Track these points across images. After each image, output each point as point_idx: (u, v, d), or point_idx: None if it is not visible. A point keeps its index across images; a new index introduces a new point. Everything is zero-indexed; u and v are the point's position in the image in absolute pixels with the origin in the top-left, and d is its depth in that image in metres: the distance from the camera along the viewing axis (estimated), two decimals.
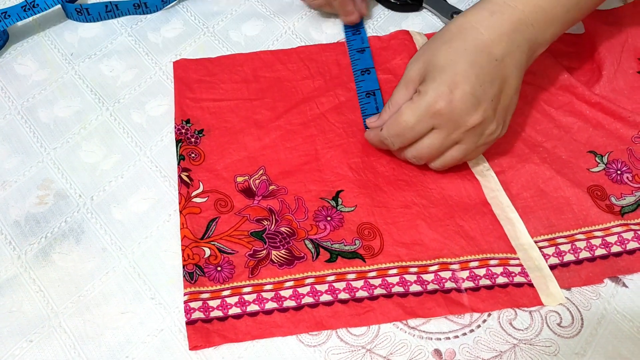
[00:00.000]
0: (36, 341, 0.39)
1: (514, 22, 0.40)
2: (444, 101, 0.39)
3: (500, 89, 0.40)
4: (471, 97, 0.39)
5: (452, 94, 0.39)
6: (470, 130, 0.40)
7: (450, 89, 0.39)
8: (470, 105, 0.39)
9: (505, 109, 0.41)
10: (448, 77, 0.39)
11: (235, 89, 0.50)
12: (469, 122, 0.40)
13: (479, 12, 0.41)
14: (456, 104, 0.39)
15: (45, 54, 0.53)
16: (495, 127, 0.41)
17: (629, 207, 0.43)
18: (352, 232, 0.42)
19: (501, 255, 0.41)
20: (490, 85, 0.39)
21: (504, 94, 0.41)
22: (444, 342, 0.38)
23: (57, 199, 0.45)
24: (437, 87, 0.39)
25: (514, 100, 0.42)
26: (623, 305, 0.39)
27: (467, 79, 0.39)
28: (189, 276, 0.40)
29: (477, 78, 0.39)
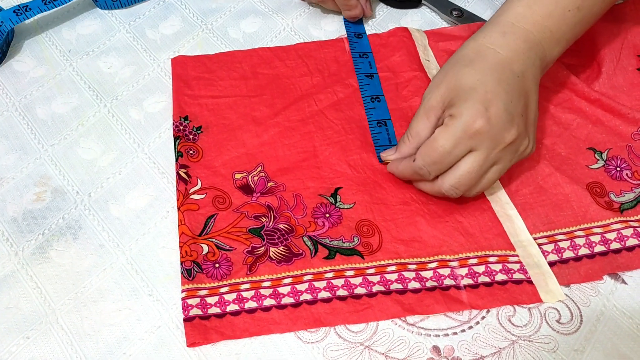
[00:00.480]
0: (33, 338, 0.38)
1: (526, 41, 0.41)
2: (482, 119, 0.38)
3: (525, 103, 0.40)
4: (505, 112, 0.39)
5: (488, 112, 0.38)
6: (508, 147, 0.39)
7: (485, 107, 0.38)
8: (506, 120, 0.39)
9: (533, 124, 0.41)
10: (480, 96, 0.39)
11: (234, 86, 0.50)
12: (507, 138, 0.39)
13: (490, 34, 0.42)
14: (494, 121, 0.38)
15: (43, 51, 0.53)
16: (528, 142, 0.41)
17: (629, 203, 0.43)
18: (350, 229, 0.42)
19: (500, 252, 0.41)
20: (518, 101, 0.40)
21: (529, 108, 0.41)
22: (442, 338, 0.38)
23: (54, 195, 0.45)
24: (472, 107, 0.39)
25: (537, 114, 0.42)
26: (622, 302, 0.39)
27: (498, 95, 0.39)
28: (187, 273, 0.40)
29: (507, 94, 0.39)
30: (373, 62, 0.51)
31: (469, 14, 0.55)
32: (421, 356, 0.37)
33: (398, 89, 0.50)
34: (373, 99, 0.49)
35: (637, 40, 0.51)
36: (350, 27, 0.54)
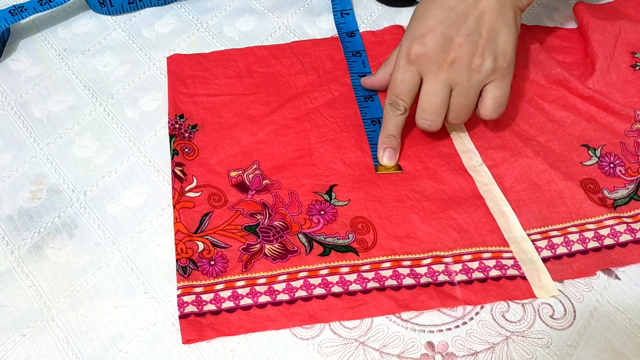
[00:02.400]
0: (29, 335, 0.39)
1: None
2: (417, 44, 0.41)
3: (477, 24, 0.41)
4: (442, 34, 0.41)
5: (424, 37, 0.41)
6: (453, 67, 0.41)
7: (422, 33, 0.41)
8: (443, 42, 0.41)
9: (492, 41, 0.41)
10: (420, 24, 0.42)
11: (229, 84, 0.50)
12: (447, 58, 0.41)
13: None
14: (429, 44, 0.41)
15: (38, 50, 0.53)
16: (482, 60, 0.41)
17: (622, 200, 0.43)
18: (345, 226, 0.42)
19: (494, 248, 0.41)
20: (464, 22, 0.41)
21: (485, 27, 0.41)
22: (436, 334, 0.38)
23: (50, 194, 0.45)
24: (410, 34, 0.42)
25: (507, 31, 0.42)
26: (615, 298, 0.39)
27: (437, 21, 0.41)
28: (182, 270, 0.40)
29: (448, 17, 0.41)
30: (366, 61, 0.52)
31: None
32: (415, 352, 0.37)
33: None
34: (367, 99, 0.49)
35: (631, 38, 0.51)
36: (342, 26, 0.54)
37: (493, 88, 0.43)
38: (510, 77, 0.43)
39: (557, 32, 0.53)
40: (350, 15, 0.55)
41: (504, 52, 0.42)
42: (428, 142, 0.47)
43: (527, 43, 0.51)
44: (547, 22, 0.54)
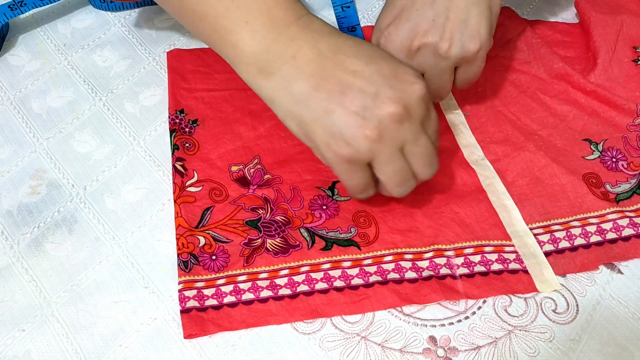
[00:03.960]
0: (29, 330, 0.38)
1: None
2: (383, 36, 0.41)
3: (444, 6, 0.39)
4: (406, 21, 0.40)
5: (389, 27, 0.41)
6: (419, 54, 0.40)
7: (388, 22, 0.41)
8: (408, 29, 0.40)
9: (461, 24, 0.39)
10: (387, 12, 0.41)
11: (230, 79, 0.50)
12: (412, 46, 0.40)
13: None
14: (393, 35, 0.40)
15: (38, 45, 0.53)
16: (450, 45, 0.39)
17: (624, 194, 0.43)
18: (347, 220, 0.42)
19: (496, 242, 0.41)
20: (430, 6, 0.39)
21: (453, 10, 0.39)
22: (439, 329, 0.38)
23: (49, 188, 0.45)
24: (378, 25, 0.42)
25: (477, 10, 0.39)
26: (618, 292, 0.39)
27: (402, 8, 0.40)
28: (184, 265, 0.40)
29: (413, 3, 0.40)
30: None
31: None
32: (418, 346, 0.37)
33: None
34: None
35: (633, 32, 0.51)
36: (343, 20, 0.54)
37: (464, 71, 0.42)
38: (482, 61, 0.41)
39: (558, 27, 0.53)
40: (351, 8, 0.54)
41: (475, 34, 0.39)
42: None
43: (528, 38, 0.51)
44: (548, 16, 0.54)
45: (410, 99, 0.34)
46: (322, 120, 0.35)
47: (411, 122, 0.35)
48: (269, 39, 0.36)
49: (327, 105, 0.34)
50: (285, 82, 0.35)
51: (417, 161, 0.36)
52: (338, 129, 0.34)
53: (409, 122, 0.35)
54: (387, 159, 0.35)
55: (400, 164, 0.36)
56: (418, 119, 0.35)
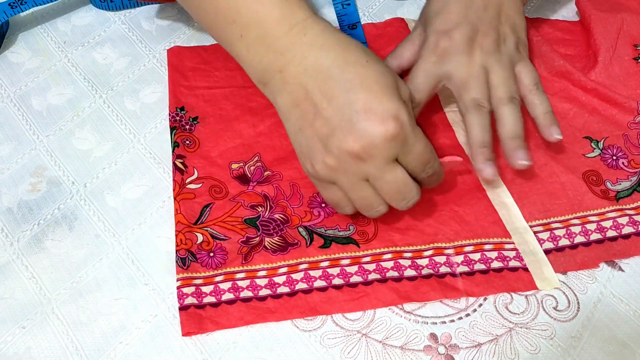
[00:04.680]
0: (29, 327, 0.38)
1: None
2: (445, 37, 0.42)
3: (497, 11, 0.43)
4: (467, 25, 0.42)
5: (451, 31, 0.42)
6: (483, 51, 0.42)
7: (449, 27, 0.42)
8: (470, 33, 0.42)
9: (512, 27, 0.44)
10: (443, 18, 0.43)
11: (230, 77, 0.50)
12: (474, 45, 0.42)
13: None
14: (457, 37, 0.41)
15: (38, 42, 0.53)
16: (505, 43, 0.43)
17: (624, 192, 0.43)
18: (346, 218, 0.42)
19: (496, 239, 0.41)
20: (485, 12, 0.42)
21: (504, 14, 0.43)
22: (439, 326, 0.38)
23: (50, 186, 0.45)
24: (435, 29, 0.43)
25: (519, 18, 0.44)
26: (619, 289, 0.39)
27: (460, 14, 0.42)
28: (181, 262, 0.40)
29: (470, 10, 0.42)
30: None
31: None
32: (418, 344, 0.37)
33: None
34: None
35: (633, 30, 0.50)
36: (344, 18, 0.54)
37: (523, 66, 0.43)
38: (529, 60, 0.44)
39: (559, 25, 0.53)
40: (352, 6, 0.54)
41: (521, 39, 0.44)
42: (430, 134, 0.46)
43: (529, 35, 0.51)
44: (549, 14, 0.54)
45: (373, 139, 0.34)
46: (296, 135, 0.37)
47: (373, 161, 0.35)
48: (261, 52, 0.37)
49: (301, 123, 0.36)
50: (275, 92, 0.38)
51: (385, 194, 0.37)
52: (305, 148, 0.36)
53: (370, 160, 0.35)
54: (349, 187, 0.36)
55: (365, 192, 0.36)
56: (382, 158, 0.35)
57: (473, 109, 0.41)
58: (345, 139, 0.34)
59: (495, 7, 0.43)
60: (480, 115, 0.41)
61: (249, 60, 0.38)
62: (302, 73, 0.36)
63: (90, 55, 0.52)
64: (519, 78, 0.43)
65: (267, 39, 0.37)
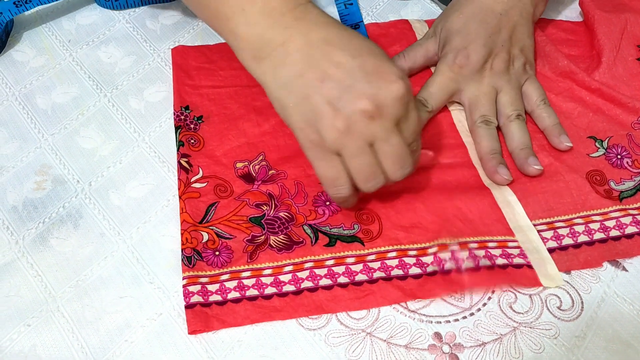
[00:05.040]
0: (34, 325, 0.38)
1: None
2: (462, 56, 0.45)
3: (509, 34, 0.46)
4: (483, 47, 0.45)
5: (467, 49, 0.45)
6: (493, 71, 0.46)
7: (465, 46, 0.45)
8: (484, 53, 0.45)
9: (521, 49, 0.47)
10: (462, 38, 0.46)
11: (234, 76, 0.50)
12: (486, 66, 0.46)
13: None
14: (473, 56, 0.45)
15: (42, 41, 0.53)
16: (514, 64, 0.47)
17: (628, 192, 0.43)
18: (350, 216, 0.42)
19: (499, 237, 0.41)
20: (499, 35, 0.46)
21: (515, 37, 0.47)
22: (444, 325, 0.38)
23: (55, 184, 0.45)
24: (454, 47, 0.46)
25: (529, 42, 0.48)
26: (623, 289, 0.39)
27: (477, 35, 0.46)
28: (187, 260, 0.40)
29: (486, 31, 0.46)
30: None
31: None
32: (423, 342, 0.37)
33: None
34: None
35: (637, 31, 0.51)
36: (346, 17, 0.54)
37: (529, 84, 0.47)
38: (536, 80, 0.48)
39: (563, 25, 0.53)
40: (354, 5, 0.54)
41: (529, 59, 0.48)
42: (434, 133, 0.47)
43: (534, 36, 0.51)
44: (553, 14, 0.54)
45: (385, 98, 0.34)
46: (300, 105, 0.36)
47: (383, 120, 0.35)
48: (263, 26, 0.37)
49: (306, 92, 0.35)
50: (273, 67, 0.37)
51: (386, 160, 0.37)
52: (312, 115, 0.35)
53: (380, 119, 0.35)
54: (354, 152, 0.36)
55: (368, 159, 0.36)
56: (391, 118, 0.35)
57: (482, 124, 0.45)
58: (359, 97, 0.34)
59: (508, 31, 0.46)
60: (489, 129, 0.45)
61: (248, 34, 0.37)
62: (306, 45, 0.36)
63: (95, 54, 0.52)
64: (526, 95, 0.47)
65: (272, 14, 0.37)
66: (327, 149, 0.36)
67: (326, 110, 0.35)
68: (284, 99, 0.37)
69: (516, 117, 0.45)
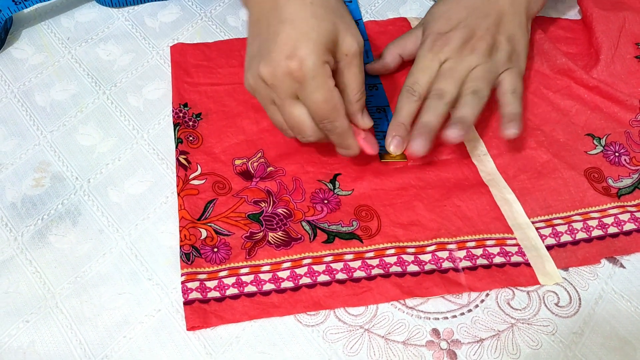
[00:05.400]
0: (33, 321, 0.38)
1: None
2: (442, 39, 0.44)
3: (496, 20, 0.45)
4: (464, 28, 0.44)
5: (448, 33, 0.44)
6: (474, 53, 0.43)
7: (446, 30, 0.45)
8: (466, 36, 0.44)
9: (509, 37, 0.45)
10: (443, 22, 0.45)
11: (233, 74, 0.50)
12: (467, 46, 0.44)
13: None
14: (453, 39, 0.44)
15: (41, 38, 0.53)
16: (497, 51, 0.44)
17: (626, 189, 0.43)
18: (349, 214, 0.42)
19: (498, 235, 0.41)
20: (485, 19, 0.44)
21: (503, 24, 0.45)
22: (442, 321, 0.38)
23: (53, 181, 0.45)
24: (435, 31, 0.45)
25: (520, 32, 0.46)
26: (620, 286, 0.39)
27: (460, 17, 0.45)
28: (185, 257, 0.40)
29: (470, 15, 0.45)
30: (370, 51, 0.51)
31: None
32: (421, 339, 0.37)
33: (396, 75, 0.50)
34: (371, 87, 0.49)
35: (635, 29, 0.51)
36: None
37: (508, 73, 0.44)
38: (520, 72, 0.45)
39: (561, 23, 0.53)
40: (353, 3, 0.55)
41: (517, 51, 0.45)
42: None
43: (531, 33, 0.51)
44: (551, 12, 0.54)
45: (275, 70, 0.37)
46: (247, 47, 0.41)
47: (276, 90, 0.38)
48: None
49: (249, 38, 0.41)
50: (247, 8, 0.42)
51: (287, 122, 0.40)
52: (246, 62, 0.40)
53: (274, 89, 0.38)
54: (264, 107, 0.41)
55: (276, 116, 0.40)
56: (282, 90, 0.38)
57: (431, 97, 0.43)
58: (259, 63, 0.37)
59: (495, 17, 0.45)
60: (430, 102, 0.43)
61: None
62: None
63: (94, 52, 0.52)
64: (500, 83, 0.45)
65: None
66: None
67: (248, 64, 0.39)
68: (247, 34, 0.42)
69: (469, 93, 0.43)
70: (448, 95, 0.43)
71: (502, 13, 0.45)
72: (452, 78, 0.43)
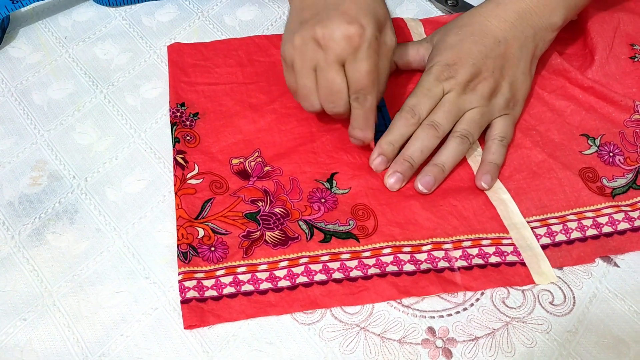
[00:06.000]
0: (30, 320, 0.39)
1: (517, 12, 0.46)
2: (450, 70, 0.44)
3: (502, 63, 0.45)
4: (472, 66, 0.44)
5: (456, 64, 0.44)
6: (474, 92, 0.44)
7: (455, 61, 0.44)
8: (472, 72, 0.44)
9: (511, 83, 0.45)
10: (454, 53, 0.45)
11: (230, 73, 0.51)
12: (470, 85, 0.44)
13: (487, 5, 0.47)
14: (460, 72, 0.44)
15: (39, 37, 0.53)
16: (497, 96, 0.45)
17: (620, 189, 0.44)
18: (346, 213, 0.43)
19: (493, 235, 0.41)
20: (493, 60, 0.45)
21: (508, 69, 0.45)
22: (437, 320, 0.38)
23: (50, 180, 0.45)
24: (444, 60, 0.45)
25: (522, 78, 0.46)
26: (614, 285, 0.40)
27: (469, 54, 0.44)
28: (183, 256, 0.40)
29: (480, 53, 0.44)
30: None
31: (463, 3, 0.55)
32: (416, 337, 0.38)
33: (393, 75, 0.50)
34: None
35: (630, 29, 0.51)
36: None
37: (502, 119, 0.45)
38: (514, 120, 0.46)
39: None
40: None
41: (515, 96, 0.46)
42: None
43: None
44: None
45: (334, 32, 0.38)
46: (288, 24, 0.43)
47: (326, 52, 0.39)
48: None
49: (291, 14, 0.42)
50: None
51: (320, 89, 0.41)
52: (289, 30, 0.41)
53: (324, 50, 0.39)
54: (299, 70, 0.41)
55: (308, 82, 0.41)
56: (334, 53, 0.39)
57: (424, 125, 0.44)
58: (315, 25, 0.39)
59: (502, 59, 0.45)
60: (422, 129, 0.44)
61: None
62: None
63: (91, 51, 0.52)
64: (492, 126, 0.45)
65: None
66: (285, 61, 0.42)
67: (296, 28, 0.40)
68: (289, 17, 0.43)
69: (458, 136, 0.44)
70: (441, 130, 0.43)
71: (509, 57, 0.45)
72: (450, 113, 0.44)
